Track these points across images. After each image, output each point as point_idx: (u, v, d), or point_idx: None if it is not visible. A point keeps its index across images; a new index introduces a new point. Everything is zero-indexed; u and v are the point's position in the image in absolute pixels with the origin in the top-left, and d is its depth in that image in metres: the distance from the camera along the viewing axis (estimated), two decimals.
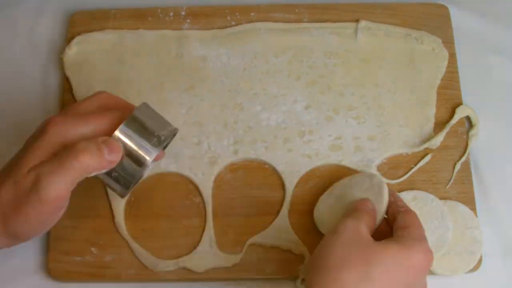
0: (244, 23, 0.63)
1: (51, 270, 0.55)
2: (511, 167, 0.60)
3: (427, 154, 0.58)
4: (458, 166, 0.58)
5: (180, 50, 0.62)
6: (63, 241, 0.55)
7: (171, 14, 0.64)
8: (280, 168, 0.57)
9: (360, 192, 0.53)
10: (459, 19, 0.64)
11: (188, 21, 0.64)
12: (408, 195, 0.56)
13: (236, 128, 0.59)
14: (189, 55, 0.62)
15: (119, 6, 0.65)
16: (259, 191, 0.57)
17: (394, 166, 0.58)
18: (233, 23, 0.63)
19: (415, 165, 0.58)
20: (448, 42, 0.63)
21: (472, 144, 0.59)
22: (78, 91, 0.61)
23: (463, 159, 0.58)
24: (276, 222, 0.56)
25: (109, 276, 0.55)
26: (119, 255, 0.55)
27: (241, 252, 0.55)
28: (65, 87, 0.62)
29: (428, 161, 0.58)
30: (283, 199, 0.57)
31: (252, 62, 0.62)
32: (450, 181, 0.57)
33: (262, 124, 0.59)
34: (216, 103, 0.60)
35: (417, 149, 0.58)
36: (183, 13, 0.64)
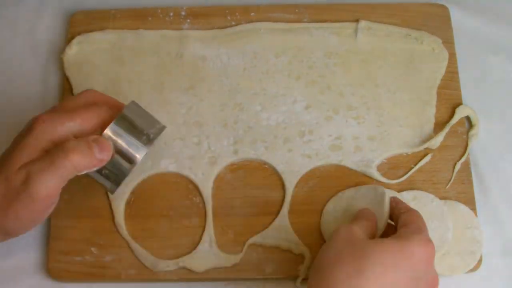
0: (244, 23, 0.63)
1: (51, 270, 0.55)
2: (511, 167, 0.60)
3: (427, 154, 0.58)
4: (458, 166, 0.58)
5: (180, 50, 0.62)
6: (63, 241, 0.55)
7: (171, 14, 0.64)
8: (280, 168, 0.57)
9: (364, 204, 0.54)
10: (459, 19, 0.64)
11: (188, 21, 0.64)
12: (408, 195, 0.56)
13: (236, 128, 0.59)
14: (189, 55, 0.62)
15: (119, 6, 0.65)
16: (259, 191, 0.57)
17: (394, 166, 0.58)
18: (233, 23, 0.63)
19: (415, 165, 0.58)
20: (448, 42, 0.63)
21: (472, 144, 0.59)
22: (78, 91, 0.60)
23: (463, 159, 0.58)
24: (276, 222, 0.56)
25: (109, 276, 0.55)
26: (119, 255, 0.55)
27: (241, 252, 0.55)
28: (65, 87, 0.62)
29: (428, 161, 0.58)
30: (283, 199, 0.57)
31: (252, 62, 0.62)
32: (450, 181, 0.57)
33: (262, 124, 0.59)
34: (216, 103, 0.60)
35: (417, 149, 0.58)
36: (183, 13, 0.64)
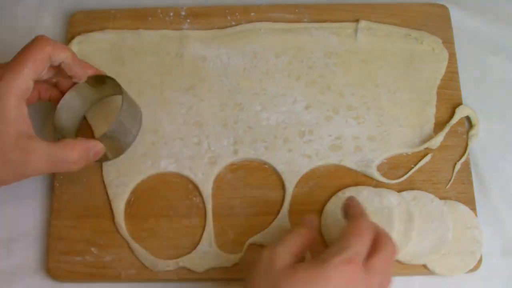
0: (244, 23, 0.63)
1: (51, 270, 0.55)
2: (511, 167, 0.60)
3: (427, 154, 0.58)
4: (458, 166, 0.58)
5: (180, 50, 0.62)
6: (63, 241, 0.55)
7: (171, 14, 0.64)
8: (280, 168, 0.57)
9: (368, 214, 0.52)
10: (459, 19, 0.64)
11: (188, 21, 0.64)
12: (408, 195, 0.56)
13: (236, 128, 0.59)
14: (189, 55, 0.62)
15: (119, 6, 0.65)
16: (259, 191, 0.57)
17: (394, 166, 0.58)
18: (233, 23, 0.63)
19: (415, 165, 0.58)
20: (448, 42, 0.63)
21: (472, 144, 0.59)
22: None
23: (463, 159, 0.58)
24: (276, 222, 0.55)
25: (109, 276, 0.55)
26: (119, 255, 0.55)
27: (241, 252, 0.55)
28: None
29: (428, 161, 0.58)
30: (283, 199, 0.57)
31: (252, 62, 0.62)
32: (450, 181, 0.57)
33: (262, 124, 0.59)
34: (216, 103, 0.60)
35: (417, 149, 0.58)
36: (183, 13, 0.64)
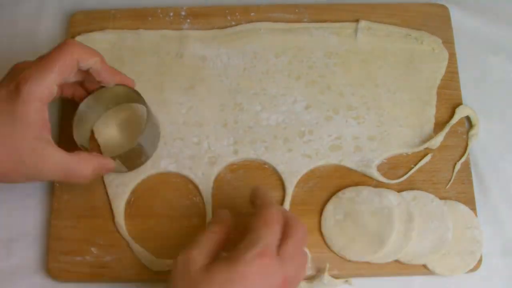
0: (244, 23, 0.63)
1: (51, 270, 0.55)
2: (511, 167, 0.60)
3: (427, 154, 0.58)
4: (458, 166, 0.58)
5: (180, 50, 0.62)
6: (63, 241, 0.55)
7: (171, 14, 0.64)
8: (280, 168, 0.57)
9: (369, 214, 0.54)
10: (459, 19, 0.64)
11: (188, 21, 0.64)
12: (408, 195, 0.56)
13: (236, 128, 0.59)
14: (189, 55, 0.62)
15: (119, 6, 0.65)
16: None
17: (394, 166, 0.58)
18: (233, 23, 0.63)
19: (415, 165, 0.58)
20: (448, 42, 0.63)
21: (472, 144, 0.59)
22: None
23: (463, 159, 0.58)
24: None
25: (109, 276, 0.55)
26: (119, 255, 0.55)
27: None
28: None
29: (428, 161, 0.58)
30: (283, 199, 0.57)
31: (252, 62, 0.62)
32: (450, 181, 0.57)
33: (262, 124, 0.59)
34: (216, 103, 0.60)
35: (417, 149, 0.58)
36: (183, 13, 0.64)
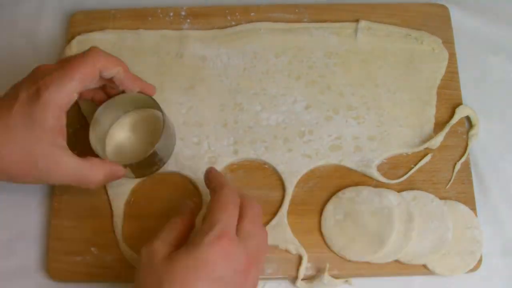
0: (244, 23, 0.63)
1: (51, 270, 0.55)
2: (511, 167, 0.60)
3: (427, 154, 0.58)
4: (458, 166, 0.58)
5: (180, 50, 0.62)
6: (63, 241, 0.55)
7: (171, 14, 0.64)
8: (280, 168, 0.57)
9: (369, 214, 0.54)
10: (459, 19, 0.64)
11: (188, 21, 0.64)
12: (408, 195, 0.56)
13: (236, 128, 0.59)
14: (189, 55, 0.62)
15: (119, 6, 0.65)
16: (259, 191, 0.57)
17: (394, 166, 0.58)
18: (233, 23, 0.63)
19: (415, 165, 0.58)
20: (448, 42, 0.63)
21: (472, 144, 0.59)
22: None
23: (463, 159, 0.58)
24: (274, 222, 0.55)
25: (109, 276, 0.55)
26: (119, 255, 0.55)
27: None
28: None
29: (428, 161, 0.58)
30: (283, 199, 0.57)
31: (252, 62, 0.62)
32: (450, 181, 0.57)
33: (262, 124, 0.59)
34: (216, 103, 0.60)
35: (417, 149, 0.58)
36: (183, 13, 0.64)
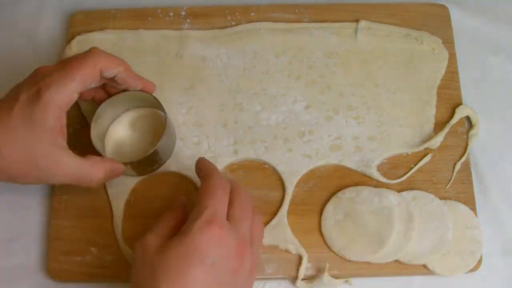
0: (244, 23, 0.63)
1: (51, 270, 0.55)
2: (511, 167, 0.60)
3: (427, 154, 0.58)
4: (458, 166, 0.58)
5: (180, 50, 0.62)
6: (63, 241, 0.55)
7: (171, 14, 0.64)
8: (280, 168, 0.57)
9: (369, 214, 0.54)
10: (459, 19, 0.64)
11: (188, 21, 0.64)
12: (408, 195, 0.56)
13: (236, 128, 0.59)
14: (189, 55, 0.62)
15: (119, 6, 0.65)
16: (259, 191, 0.57)
17: (394, 166, 0.58)
18: (233, 23, 0.63)
19: (415, 165, 0.58)
20: (448, 42, 0.63)
21: (472, 144, 0.59)
22: None
23: (463, 159, 0.58)
24: (274, 222, 0.55)
25: (109, 276, 0.55)
26: (119, 255, 0.55)
27: None
28: None
29: (428, 161, 0.58)
30: (283, 199, 0.57)
31: (252, 62, 0.62)
32: (450, 181, 0.57)
33: (262, 124, 0.59)
34: (216, 103, 0.60)
35: (417, 149, 0.58)
36: (183, 13, 0.64)
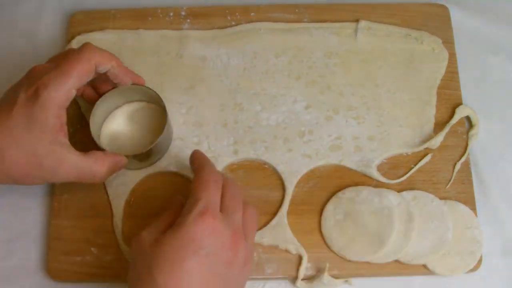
0: (244, 23, 0.63)
1: (51, 270, 0.55)
2: (511, 167, 0.60)
3: (427, 154, 0.58)
4: (458, 166, 0.58)
5: (180, 50, 0.62)
6: (63, 241, 0.55)
7: (171, 14, 0.64)
8: (280, 168, 0.57)
9: (369, 214, 0.54)
10: (459, 19, 0.64)
11: (188, 21, 0.64)
12: (408, 195, 0.56)
13: (236, 128, 0.59)
14: (189, 55, 0.62)
15: (119, 6, 0.65)
16: (259, 191, 0.57)
17: (394, 166, 0.58)
18: (233, 23, 0.63)
19: (415, 165, 0.58)
20: (448, 42, 0.63)
21: (472, 144, 0.59)
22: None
23: (463, 159, 0.58)
24: (273, 222, 0.55)
25: (109, 276, 0.55)
26: (119, 255, 0.55)
27: None
28: None
29: (428, 161, 0.58)
30: (283, 199, 0.57)
31: (252, 62, 0.62)
32: (450, 181, 0.57)
33: (262, 124, 0.59)
34: (216, 103, 0.60)
35: (417, 149, 0.58)
36: (183, 13, 0.64)
